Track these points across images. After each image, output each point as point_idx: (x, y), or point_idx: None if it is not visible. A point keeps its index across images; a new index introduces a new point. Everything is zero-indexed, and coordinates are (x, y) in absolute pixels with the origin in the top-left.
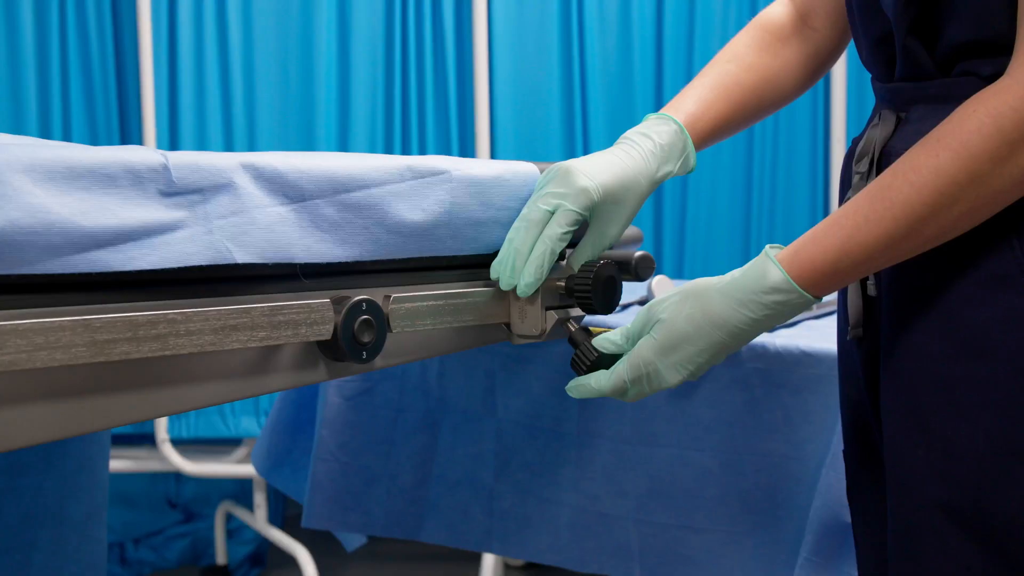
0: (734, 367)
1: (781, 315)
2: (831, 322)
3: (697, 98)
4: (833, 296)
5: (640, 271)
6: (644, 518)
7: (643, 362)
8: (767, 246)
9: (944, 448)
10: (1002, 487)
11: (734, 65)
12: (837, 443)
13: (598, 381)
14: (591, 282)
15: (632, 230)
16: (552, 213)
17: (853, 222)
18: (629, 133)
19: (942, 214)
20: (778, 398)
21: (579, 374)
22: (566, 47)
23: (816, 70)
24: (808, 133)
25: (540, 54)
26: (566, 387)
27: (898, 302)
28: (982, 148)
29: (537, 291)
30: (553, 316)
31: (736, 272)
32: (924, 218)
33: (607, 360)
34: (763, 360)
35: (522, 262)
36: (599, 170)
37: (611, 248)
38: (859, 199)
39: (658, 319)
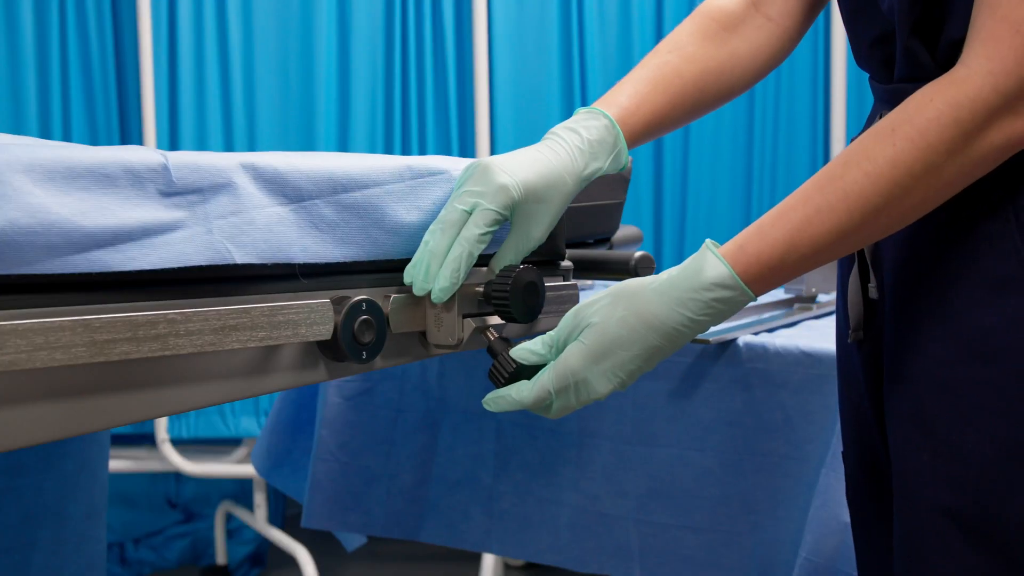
0: (734, 367)
1: (721, 314)
2: (831, 322)
3: (632, 92)
4: (832, 296)
5: (639, 271)
6: (644, 518)
7: (570, 371)
8: (707, 241)
9: (949, 452)
10: (1007, 492)
11: (674, 56)
12: (837, 443)
13: (519, 392)
14: (509, 288)
15: (632, 230)
16: (470, 213)
17: (803, 214)
18: (556, 128)
19: (895, 205)
20: (778, 398)
21: (497, 387)
22: (566, 47)
23: (769, 61)
24: (808, 132)
25: (540, 54)
26: (483, 400)
27: (902, 305)
28: (939, 138)
29: (453, 297)
30: (470, 324)
31: (673, 270)
32: (879, 209)
33: (528, 371)
34: (763, 360)
35: (437, 265)
36: (520, 167)
37: (608, 236)
38: (807, 190)
39: (588, 323)
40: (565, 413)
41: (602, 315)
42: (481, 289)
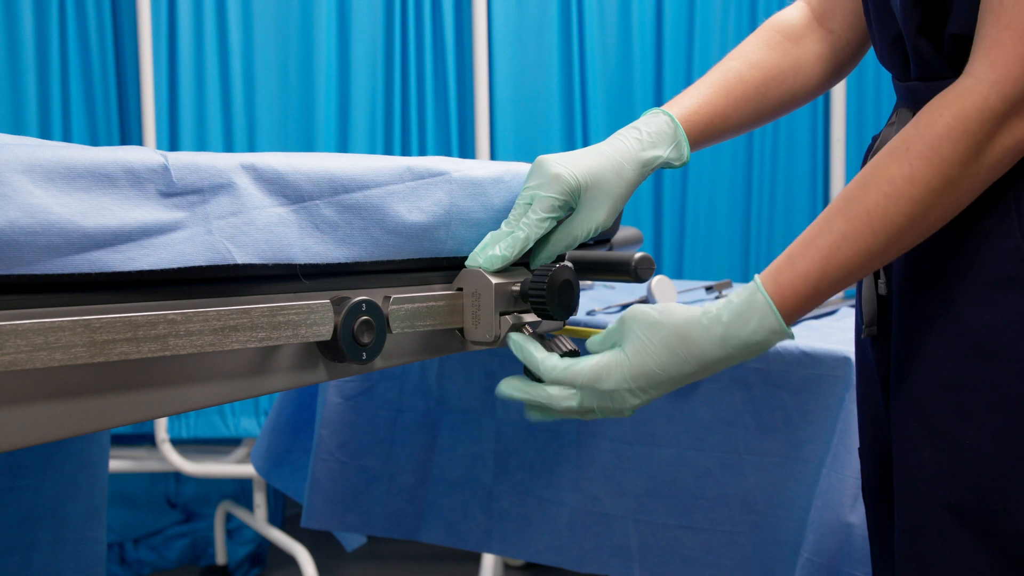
0: (734, 367)
1: (759, 352)
2: (831, 322)
3: (696, 94)
4: (833, 296)
5: (640, 272)
6: (644, 518)
7: (605, 374)
8: (757, 279)
9: (951, 449)
10: (1008, 488)
11: (738, 63)
12: (837, 443)
13: (548, 393)
14: (546, 286)
15: (632, 231)
16: (531, 205)
17: (830, 242)
18: (619, 130)
19: (919, 221)
20: (778, 398)
21: (529, 373)
22: (566, 47)
23: (834, 71)
24: (808, 133)
25: (540, 54)
26: (502, 386)
27: (908, 302)
28: (952, 151)
29: (491, 295)
30: (507, 322)
31: (724, 306)
32: (903, 228)
33: None
34: (763, 360)
35: (494, 242)
36: (575, 158)
37: (608, 238)
38: (830, 216)
39: (632, 336)
40: (595, 417)
41: (647, 332)
42: (518, 288)
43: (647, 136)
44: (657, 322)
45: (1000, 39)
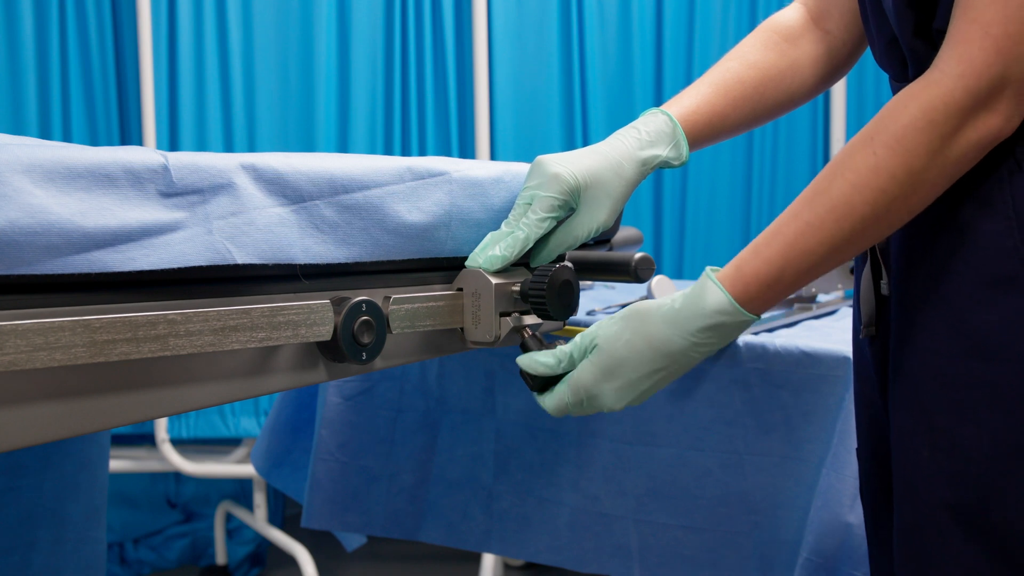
0: (734, 367)
1: (725, 338)
2: (831, 322)
3: (694, 94)
4: (832, 296)
5: (640, 272)
6: (644, 518)
7: (583, 387)
8: (707, 268)
9: (950, 449)
10: (1007, 489)
11: (736, 63)
12: (837, 443)
13: (543, 401)
14: (546, 286)
15: (632, 231)
16: (531, 205)
17: (794, 229)
18: (617, 130)
19: (883, 214)
20: (778, 398)
21: (526, 382)
22: (566, 47)
23: (830, 72)
24: (808, 133)
25: (540, 54)
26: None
27: (907, 302)
28: (916, 142)
29: (491, 295)
30: (508, 323)
31: (678, 296)
32: (867, 219)
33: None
34: (763, 360)
35: (494, 242)
36: (575, 159)
37: (608, 238)
38: (797, 205)
39: (595, 345)
40: (585, 414)
41: (610, 339)
42: (518, 288)
43: (646, 135)
44: (617, 328)
45: (967, 33)
